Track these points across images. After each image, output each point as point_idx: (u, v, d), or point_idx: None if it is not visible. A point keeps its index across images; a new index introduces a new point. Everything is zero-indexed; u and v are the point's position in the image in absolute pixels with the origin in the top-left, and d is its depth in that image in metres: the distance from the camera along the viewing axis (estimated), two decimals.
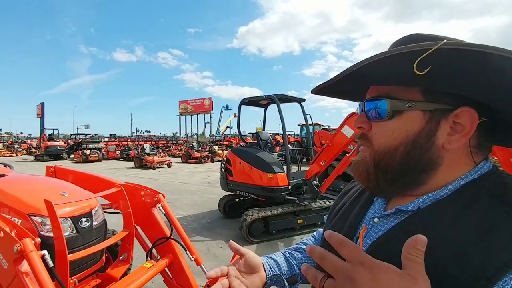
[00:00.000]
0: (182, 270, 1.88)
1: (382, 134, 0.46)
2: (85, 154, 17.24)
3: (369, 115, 0.47)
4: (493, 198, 0.39)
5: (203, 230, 4.56)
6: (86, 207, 1.77)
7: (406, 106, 0.43)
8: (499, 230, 0.36)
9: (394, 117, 0.44)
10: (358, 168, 0.49)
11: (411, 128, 0.43)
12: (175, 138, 40.60)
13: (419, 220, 0.43)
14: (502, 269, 0.33)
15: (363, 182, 0.50)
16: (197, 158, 16.19)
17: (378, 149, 0.46)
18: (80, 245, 1.64)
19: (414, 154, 0.43)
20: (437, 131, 0.42)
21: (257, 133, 5.37)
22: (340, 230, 0.56)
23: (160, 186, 8.44)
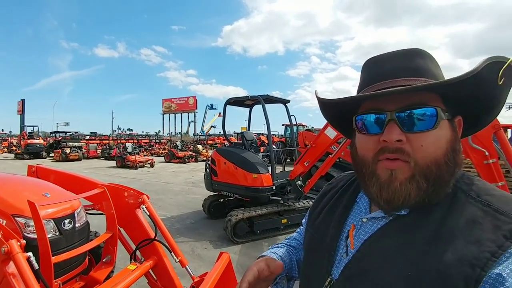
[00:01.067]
0: (166, 272, 1.88)
1: (428, 144, 0.45)
2: (65, 152, 16.61)
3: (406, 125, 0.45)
4: (469, 197, 0.45)
5: (187, 231, 4.53)
6: (68, 208, 1.73)
7: (445, 114, 0.46)
8: (482, 226, 0.41)
9: (437, 127, 0.45)
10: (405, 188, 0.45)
11: (448, 136, 0.47)
12: (158, 137, 39.72)
13: (409, 220, 0.47)
14: (491, 259, 0.38)
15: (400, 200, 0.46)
16: (181, 157, 15.96)
17: (427, 161, 0.45)
18: (63, 247, 1.60)
19: (457, 159, 0.47)
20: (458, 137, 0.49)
21: (242, 133, 5.39)
22: (326, 230, 0.58)
23: (143, 186, 8.26)
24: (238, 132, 7.88)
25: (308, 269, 0.61)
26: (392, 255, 0.45)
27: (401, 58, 0.49)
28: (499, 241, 0.39)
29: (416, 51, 0.49)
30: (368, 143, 0.49)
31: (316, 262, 0.58)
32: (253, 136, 5.61)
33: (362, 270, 0.48)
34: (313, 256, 0.60)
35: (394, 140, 0.45)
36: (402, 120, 0.45)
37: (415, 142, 0.45)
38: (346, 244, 0.53)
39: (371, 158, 0.48)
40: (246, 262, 3.36)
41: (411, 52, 0.49)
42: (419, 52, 0.49)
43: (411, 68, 0.47)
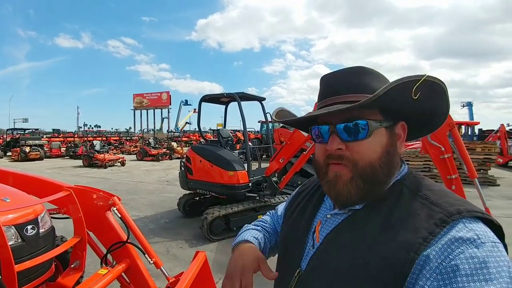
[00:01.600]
0: (140, 274, 1.83)
1: (363, 151, 0.54)
2: (24, 151, 15.27)
3: (344, 136, 0.54)
4: (412, 193, 0.53)
5: (162, 231, 4.43)
6: (31, 213, 1.62)
7: (378, 125, 0.54)
8: (419, 216, 0.48)
9: (371, 135, 0.54)
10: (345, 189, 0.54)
11: (383, 142, 0.55)
12: (129, 134, 38.08)
13: (363, 214, 0.55)
14: (423, 244, 0.45)
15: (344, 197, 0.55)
16: (154, 155, 15.44)
17: (363, 165, 0.53)
18: (26, 254, 1.49)
19: (391, 161, 0.55)
20: (396, 141, 0.57)
21: (218, 131, 5.35)
22: (298, 226, 0.66)
23: (113, 186, 7.90)
24: (214, 129, 7.83)
25: (282, 262, 0.68)
26: (347, 245, 0.52)
27: (347, 76, 0.57)
28: (430, 228, 0.46)
29: (359, 69, 0.57)
30: (319, 150, 0.59)
31: (288, 256, 0.64)
32: (229, 134, 5.59)
33: (324, 261, 0.55)
34: (286, 250, 0.67)
35: (334, 149, 0.55)
36: (342, 131, 0.54)
37: (353, 149, 0.54)
38: (313, 238, 0.61)
39: (323, 162, 0.58)
40: (223, 260, 3.37)
41: (355, 70, 0.57)
42: (362, 70, 0.57)
43: (353, 85, 0.55)
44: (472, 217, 0.46)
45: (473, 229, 0.44)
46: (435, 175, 8.02)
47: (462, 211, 0.46)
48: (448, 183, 2.49)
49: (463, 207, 0.47)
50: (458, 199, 0.50)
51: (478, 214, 0.47)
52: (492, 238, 0.44)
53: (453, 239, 0.44)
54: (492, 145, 8.82)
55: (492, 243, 0.43)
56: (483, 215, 0.47)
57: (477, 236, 0.43)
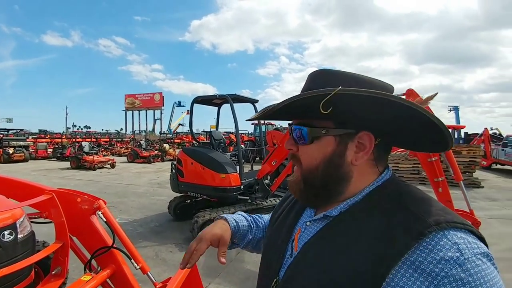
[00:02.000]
0: (126, 280, 1.77)
1: (306, 155, 0.55)
2: (7, 152, 14.73)
3: (295, 138, 0.56)
4: (392, 201, 0.50)
5: (151, 234, 4.34)
6: (8, 218, 1.54)
7: (321, 132, 0.53)
8: (395, 226, 0.46)
9: (314, 142, 0.54)
10: (293, 186, 0.59)
11: (326, 150, 0.53)
12: (120, 135, 37.52)
13: (340, 222, 0.53)
14: (396, 258, 0.42)
15: (297, 197, 0.61)
16: (145, 157, 15.23)
17: (305, 168, 0.56)
18: (3, 261, 1.42)
19: (331, 171, 0.54)
20: (346, 151, 0.53)
21: (210, 133, 5.30)
22: (279, 233, 0.65)
23: (102, 189, 7.74)
24: (208, 130, 7.72)
25: (263, 269, 0.67)
26: (321, 256, 0.51)
27: (310, 79, 0.56)
28: (406, 240, 0.43)
29: (320, 72, 0.55)
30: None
31: (268, 263, 0.64)
32: (221, 136, 5.54)
33: (298, 271, 0.54)
34: (267, 257, 0.66)
35: (286, 148, 0.59)
36: (293, 133, 0.56)
37: (300, 152, 0.57)
38: (291, 246, 0.60)
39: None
40: (213, 264, 3.30)
41: (315, 74, 0.56)
42: (320, 72, 0.55)
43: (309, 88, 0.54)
44: (453, 227, 0.43)
45: (455, 242, 0.41)
46: (423, 178, 8.27)
47: (440, 221, 0.44)
48: (435, 186, 2.55)
49: (443, 218, 0.44)
50: (440, 209, 0.47)
51: (458, 225, 0.44)
52: (476, 249, 0.41)
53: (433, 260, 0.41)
54: (476, 148, 9.03)
55: (477, 256, 0.40)
56: (463, 226, 0.44)
57: (459, 251, 0.40)
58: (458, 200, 2.63)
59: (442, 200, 2.54)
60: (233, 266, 3.29)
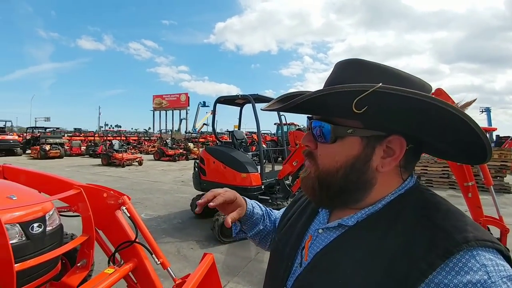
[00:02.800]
0: (147, 274, 1.81)
1: (325, 156, 0.50)
2: (44, 149, 15.89)
3: (315, 134, 0.51)
4: (415, 212, 0.45)
5: (174, 231, 4.45)
6: (38, 211, 1.63)
7: (347, 132, 0.47)
8: (419, 242, 0.41)
9: (336, 141, 0.48)
10: (305, 182, 0.54)
11: (350, 153, 0.47)
12: (148, 134, 39.14)
13: (356, 233, 0.48)
14: (420, 278, 0.38)
15: (309, 196, 0.55)
16: (171, 155, 15.75)
17: (322, 169, 0.50)
18: (30, 252, 1.50)
19: (352, 177, 0.48)
20: (372, 156, 0.47)
21: (232, 132, 5.34)
22: (289, 238, 0.60)
23: (130, 185, 8.10)
24: (231, 130, 7.83)
25: (269, 276, 0.64)
26: (334, 269, 0.47)
27: (338, 69, 0.50)
28: (431, 259, 0.39)
29: (348, 61, 0.49)
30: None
31: (275, 271, 0.60)
32: (243, 135, 5.56)
33: (309, 283, 0.50)
34: (274, 264, 0.62)
35: (303, 144, 0.53)
36: (315, 129, 0.50)
37: (319, 150, 0.51)
38: (301, 255, 0.55)
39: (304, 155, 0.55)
40: (233, 262, 3.32)
41: (344, 63, 0.49)
42: (351, 62, 0.48)
43: (336, 79, 0.49)
44: (482, 246, 0.39)
45: (483, 264, 0.38)
46: (453, 182, 7.84)
47: (469, 239, 0.39)
48: (465, 190, 2.48)
49: (472, 235, 0.40)
50: (469, 224, 0.42)
51: (487, 243, 0.40)
52: (503, 272, 0.37)
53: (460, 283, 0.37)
54: (508, 152, 8.51)
55: (503, 280, 0.37)
56: (492, 245, 0.40)
57: (487, 274, 0.37)
58: (488, 206, 2.58)
59: (471, 205, 2.48)
60: (252, 266, 3.28)
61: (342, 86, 0.40)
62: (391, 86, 0.38)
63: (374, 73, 0.44)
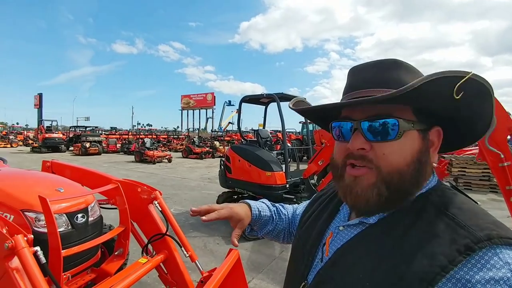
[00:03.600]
0: (177, 266, 1.91)
1: (392, 154, 0.47)
2: (84, 146, 17.21)
3: (369, 135, 0.47)
4: (437, 210, 0.45)
5: (201, 226, 4.59)
6: (82, 203, 1.79)
7: (410, 125, 0.47)
8: (440, 239, 0.41)
9: (401, 137, 0.46)
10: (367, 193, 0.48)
11: (414, 147, 0.47)
12: (177, 132, 40.57)
13: (377, 230, 0.48)
14: (440, 273, 0.38)
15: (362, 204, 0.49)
16: (198, 153, 16.20)
17: (390, 170, 0.46)
18: (75, 240, 1.66)
19: (421, 170, 0.47)
20: (429, 148, 0.49)
21: (257, 131, 5.38)
22: (309, 235, 0.61)
23: (160, 181, 8.48)
24: (256, 129, 7.90)
25: (291, 271, 0.65)
26: (355, 265, 0.47)
27: (374, 69, 0.50)
28: (452, 255, 0.39)
29: (389, 61, 0.49)
30: (339, 149, 0.53)
31: (296, 266, 0.61)
32: (268, 134, 5.57)
33: (330, 277, 0.50)
34: (295, 259, 0.63)
35: (356, 148, 0.48)
36: (367, 129, 0.47)
37: (378, 150, 0.47)
38: (322, 251, 0.56)
39: (341, 163, 0.52)
40: (258, 259, 3.36)
41: (384, 63, 0.49)
42: (392, 62, 0.49)
43: (379, 79, 0.48)
44: (505, 244, 0.38)
45: (507, 262, 0.37)
46: (494, 185, 7.17)
47: (492, 236, 0.39)
48: (506, 194, 2.26)
49: (495, 232, 0.39)
50: (491, 222, 0.42)
51: (510, 241, 0.39)
52: None
53: (482, 279, 0.36)
54: None
55: None
56: None
57: (511, 272, 0.36)
58: None
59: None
60: (276, 264, 3.30)
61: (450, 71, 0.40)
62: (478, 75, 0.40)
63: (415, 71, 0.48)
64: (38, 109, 28.14)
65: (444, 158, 7.45)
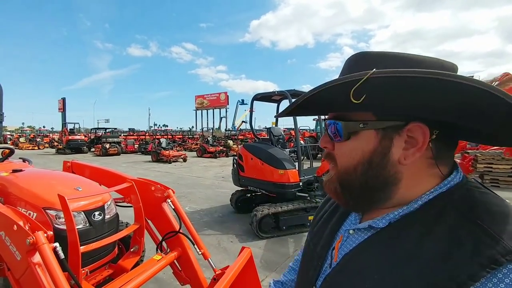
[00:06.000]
0: (190, 263, 1.95)
1: (342, 154, 0.48)
2: (105, 148, 17.91)
3: (330, 135, 0.49)
4: (459, 214, 0.39)
5: (215, 224, 4.66)
6: (99, 201, 1.87)
7: (359, 126, 0.44)
8: (460, 250, 0.36)
9: (350, 138, 0.46)
10: (328, 186, 0.51)
11: (366, 148, 0.45)
12: (192, 132, 41.22)
13: (387, 235, 0.44)
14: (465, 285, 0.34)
15: (335, 199, 0.53)
16: (212, 152, 16.41)
17: (341, 169, 0.48)
18: (92, 237, 1.73)
19: (372, 173, 0.44)
20: (391, 148, 0.43)
21: (269, 129, 5.37)
22: (319, 239, 0.59)
23: (175, 180, 8.65)
24: (269, 127, 7.89)
25: (300, 275, 0.63)
26: (361, 273, 0.44)
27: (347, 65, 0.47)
28: (472, 269, 0.34)
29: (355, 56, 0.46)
30: None
31: (306, 270, 0.59)
32: (280, 132, 5.55)
33: (336, 284, 0.49)
34: (305, 263, 0.62)
35: (321, 146, 0.52)
36: (329, 129, 0.49)
37: (336, 150, 0.49)
38: (331, 255, 0.54)
39: None
40: (271, 258, 3.36)
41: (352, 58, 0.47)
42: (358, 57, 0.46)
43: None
44: None
45: None
46: None
47: None
48: None
49: None
50: None
51: None
52: None
53: None
54: None
55: None
56: None
57: None
58: None
59: None
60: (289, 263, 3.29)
61: (334, 80, 0.39)
62: (385, 69, 0.35)
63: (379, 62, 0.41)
64: (62, 113, 29.38)
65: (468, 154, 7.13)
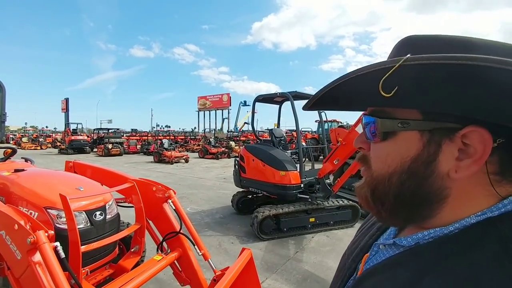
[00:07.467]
0: (190, 264, 1.95)
1: (377, 158, 0.39)
2: (107, 148, 17.98)
3: (366, 133, 0.41)
4: (503, 250, 0.30)
5: (216, 225, 4.66)
6: (100, 201, 1.88)
7: (397, 126, 0.35)
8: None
9: (387, 139, 0.37)
10: (359, 192, 0.43)
11: (406, 153, 0.36)
12: (194, 133, 41.32)
13: (411, 257, 0.37)
14: None
15: (366, 208, 0.43)
16: (214, 153, 16.43)
17: (374, 175, 0.40)
18: (93, 237, 1.74)
19: (410, 185, 0.36)
20: (438, 156, 0.34)
21: (271, 130, 5.37)
22: (356, 247, 0.54)
23: (177, 181, 8.67)
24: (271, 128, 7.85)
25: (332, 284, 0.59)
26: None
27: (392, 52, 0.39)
28: None
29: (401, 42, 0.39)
30: None
31: (335, 282, 0.56)
32: (282, 133, 5.55)
33: None
34: (337, 272, 0.57)
35: (356, 147, 0.44)
36: (366, 127, 0.40)
37: (371, 151, 0.41)
38: (357, 269, 0.50)
39: None
40: (271, 259, 3.36)
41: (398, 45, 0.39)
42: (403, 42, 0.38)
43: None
44: None
45: None
46: None
47: None
48: None
49: None
50: None
51: None
52: None
53: None
54: None
55: None
56: None
57: None
58: None
59: None
60: (290, 264, 3.28)
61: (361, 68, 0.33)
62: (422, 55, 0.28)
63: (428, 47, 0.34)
64: (65, 113, 29.52)
65: None
